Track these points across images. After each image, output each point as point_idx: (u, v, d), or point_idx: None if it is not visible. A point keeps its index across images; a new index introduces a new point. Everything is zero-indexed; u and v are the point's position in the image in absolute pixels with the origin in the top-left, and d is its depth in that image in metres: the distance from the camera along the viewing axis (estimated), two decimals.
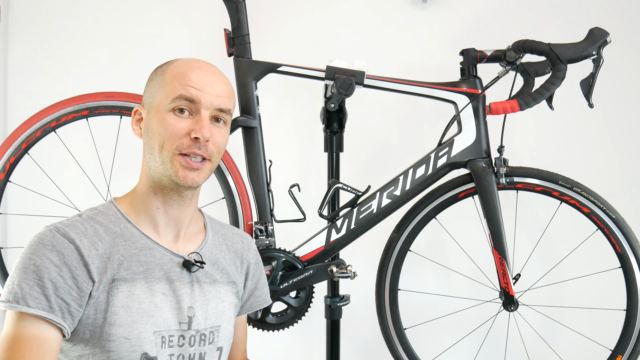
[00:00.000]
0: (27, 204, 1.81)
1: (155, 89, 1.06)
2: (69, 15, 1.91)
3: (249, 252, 1.21)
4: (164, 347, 1.00)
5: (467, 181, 1.48)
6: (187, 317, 1.04)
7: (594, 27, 1.34)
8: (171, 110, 1.02)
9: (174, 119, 1.02)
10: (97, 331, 0.96)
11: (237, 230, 1.24)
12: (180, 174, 1.02)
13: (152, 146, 1.04)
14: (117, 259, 1.00)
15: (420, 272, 1.93)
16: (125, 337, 0.96)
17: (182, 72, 1.04)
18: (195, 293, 1.06)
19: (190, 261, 1.06)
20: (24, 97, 1.91)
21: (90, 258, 0.97)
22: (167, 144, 1.02)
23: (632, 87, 1.94)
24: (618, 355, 1.49)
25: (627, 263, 1.46)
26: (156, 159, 1.03)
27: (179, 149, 1.01)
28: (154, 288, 1.01)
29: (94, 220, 1.03)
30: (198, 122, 1.02)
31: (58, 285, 0.94)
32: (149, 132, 1.05)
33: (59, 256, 0.95)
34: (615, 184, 1.93)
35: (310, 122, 1.89)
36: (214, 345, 1.08)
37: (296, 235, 1.54)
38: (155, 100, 1.05)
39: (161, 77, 1.06)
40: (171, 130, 1.01)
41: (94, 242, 0.99)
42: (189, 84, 1.02)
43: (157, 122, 1.03)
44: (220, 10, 1.49)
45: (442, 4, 1.93)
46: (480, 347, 1.76)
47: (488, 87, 1.46)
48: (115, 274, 0.99)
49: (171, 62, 1.08)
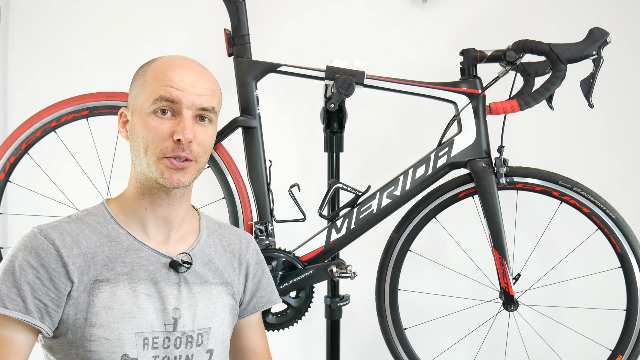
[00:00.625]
0: (27, 204, 1.81)
1: (137, 91, 1.05)
2: (69, 15, 1.91)
3: (247, 252, 1.19)
4: (146, 349, 0.99)
5: (467, 181, 1.48)
6: (172, 319, 1.02)
7: (594, 27, 1.34)
8: (153, 112, 1.01)
9: (156, 121, 1.01)
10: (79, 331, 0.97)
11: (237, 230, 1.21)
12: (165, 175, 1.00)
13: (137, 149, 1.03)
14: (101, 259, 1.00)
15: (420, 272, 1.92)
16: (106, 338, 0.96)
17: (162, 72, 1.02)
18: (182, 294, 1.04)
19: (177, 261, 1.04)
20: (24, 97, 1.91)
21: (71, 258, 0.98)
22: (151, 147, 1.00)
23: (632, 87, 1.94)
24: (618, 355, 1.49)
25: (627, 263, 1.46)
26: (142, 162, 1.02)
27: (162, 152, 1.00)
28: (138, 289, 1.00)
29: (82, 221, 1.03)
30: (180, 123, 1.00)
31: (35, 287, 0.95)
32: (134, 135, 1.04)
33: (36, 258, 0.96)
34: (615, 184, 1.93)
35: (310, 122, 1.89)
36: (203, 347, 1.06)
37: (296, 235, 1.54)
38: (137, 102, 1.04)
39: (142, 77, 1.05)
40: (154, 134, 1.00)
41: (78, 241, 0.99)
42: (169, 84, 1.00)
43: (140, 125, 1.02)
44: (220, 10, 1.49)
45: (442, 4, 1.93)
46: (480, 347, 1.76)
47: (488, 87, 1.46)
48: (98, 275, 0.99)
49: (152, 62, 1.06)
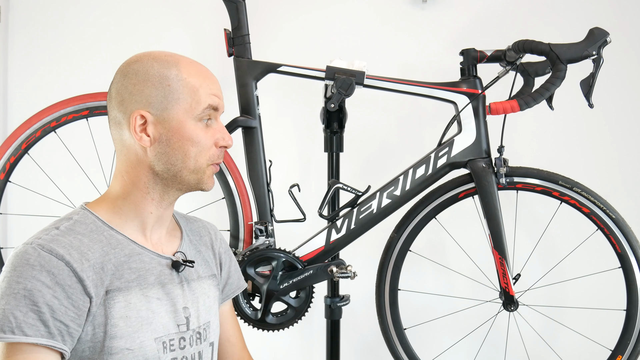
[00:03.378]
0: (27, 204, 1.81)
1: (170, 95, 0.98)
2: (69, 15, 1.91)
3: (216, 241, 1.19)
4: (165, 353, 0.98)
5: (467, 181, 1.48)
6: (184, 318, 1.02)
7: (594, 27, 1.34)
8: (200, 120, 1.00)
9: (204, 129, 1.01)
10: (98, 347, 0.92)
11: (202, 222, 1.21)
12: (210, 182, 1.04)
13: (181, 157, 0.99)
14: (110, 268, 0.95)
15: (420, 272, 1.92)
16: (128, 348, 0.93)
17: (203, 80, 1.00)
18: (186, 293, 1.04)
19: (178, 261, 1.04)
20: (24, 97, 1.91)
21: (84, 272, 0.91)
22: (200, 157, 1.00)
23: (632, 87, 1.94)
24: (618, 355, 1.49)
25: (627, 263, 1.45)
26: (187, 168, 1.00)
27: (211, 159, 1.02)
28: (149, 294, 0.99)
29: (74, 231, 0.95)
30: (221, 131, 1.03)
31: (54, 307, 0.87)
32: (173, 142, 0.98)
33: (50, 276, 0.88)
34: (615, 184, 1.93)
35: (310, 122, 1.89)
36: (207, 341, 1.07)
37: (296, 235, 1.54)
38: (174, 108, 0.98)
39: (177, 83, 0.98)
40: (204, 142, 1.00)
41: (84, 253, 0.93)
42: (213, 92, 1.01)
43: (185, 133, 0.98)
44: (220, 10, 1.49)
45: (442, 4, 1.93)
46: (480, 347, 1.76)
47: (488, 87, 1.46)
48: (109, 285, 0.94)
49: (179, 65, 1.00)
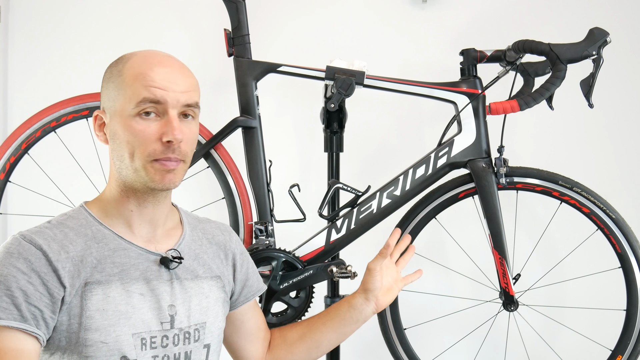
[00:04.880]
0: (27, 204, 1.81)
1: (114, 92, 0.99)
2: (69, 15, 1.91)
3: (231, 243, 1.18)
4: (144, 349, 0.97)
5: (467, 181, 1.48)
6: (168, 316, 1.01)
7: (594, 27, 1.34)
8: (137, 114, 0.96)
9: (142, 124, 0.96)
10: (73, 337, 0.93)
11: (217, 223, 1.20)
12: (157, 179, 0.98)
13: (121, 154, 0.99)
14: (90, 262, 0.96)
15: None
16: (103, 341, 0.93)
17: (142, 72, 0.97)
18: (175, 290, 1.03)
19: (167, 258, 1.03)
20: (24, 97, 1.91)
21: (60, 262, 0.93)
22: (138, 152, 0.97)
23: (632, 87, 1.94)
24: (618, 355, 1.48)
25: (627, 263, 1.45)
26: (127, 167, 0.98)
27: (151, 155, 0.97)
28: (131, 289, 0.98)
29: (64, 225, 0.99)
30: (168, 124, 0.97)
31: (28, 292, 0.90)
32: (116, 139, 0.99)
33: (26, 263, 0.91)
34: (615, 184, 1.93)
35: (310, 122, 1.89)
36: (200, 342, 1.05)
37: (296, 235, 1.54)
38: (116, 104, 0.99)
39: (118, 78, 0.99)
40: (141, 137, 0.96)
41: (64, 246, 0.95)
42: (152, 84, 0.96)
43: (123, 129, 0.97)
44: (220, 10, 1.49)
45: (442, 4, 1.93)
46: (480, 347, 1.76)
47: (488, 87, 1.46)
48: (89, 278, 0.95)
49: (126, 60, 1.01)
